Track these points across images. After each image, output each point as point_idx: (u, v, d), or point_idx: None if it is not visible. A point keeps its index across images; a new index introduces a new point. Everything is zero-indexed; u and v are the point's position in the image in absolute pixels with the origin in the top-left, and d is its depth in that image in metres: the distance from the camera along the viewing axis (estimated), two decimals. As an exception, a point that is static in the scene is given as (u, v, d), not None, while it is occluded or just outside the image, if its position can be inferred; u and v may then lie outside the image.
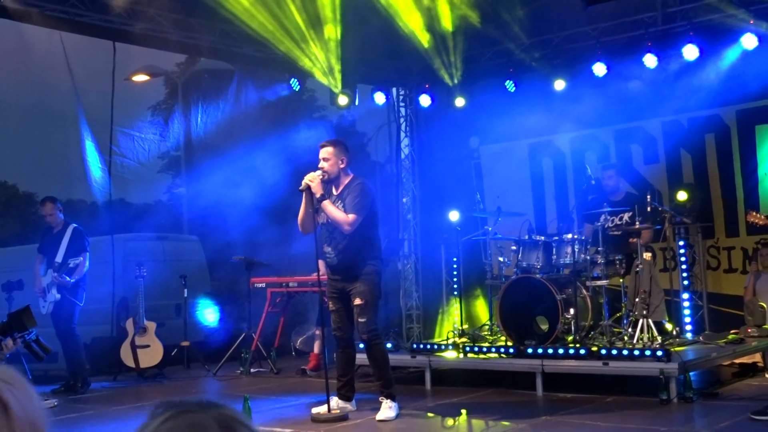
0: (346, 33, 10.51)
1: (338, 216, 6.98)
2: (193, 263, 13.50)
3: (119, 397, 8.82)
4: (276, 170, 11.84)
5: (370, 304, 7.05)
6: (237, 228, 12.33)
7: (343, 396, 7.34)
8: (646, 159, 11.24)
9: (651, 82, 10.68)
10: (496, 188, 12.40)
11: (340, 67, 10.81)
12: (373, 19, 10.28)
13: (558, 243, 8.57)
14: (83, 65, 11.07)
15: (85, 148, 11.50)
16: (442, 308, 11.49)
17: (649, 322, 7.94)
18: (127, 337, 10.07)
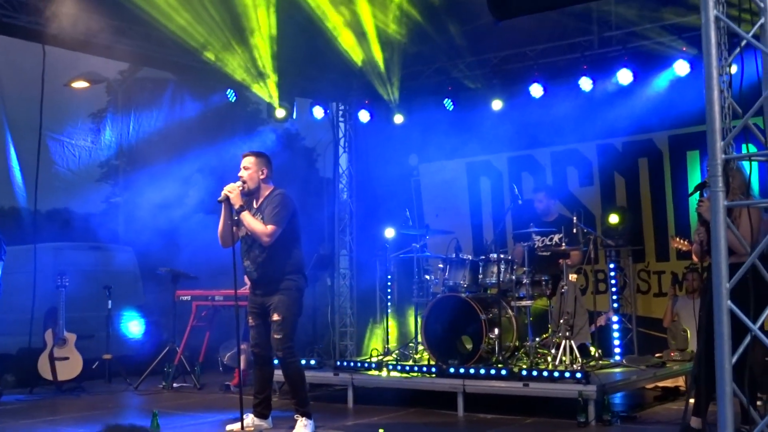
0: (283, 46, 10.43)
1: (257, 227, 6.85)
2: (126, 274, 13.28)
3: (31, 411, 8.55)
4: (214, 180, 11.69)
5: (288, 320, 6.90)
6: (170, 239, 12.12)
7: (258, 413, 7.18)
8: (581, 181, 11.28)
9: (586, 105, 10.72)
10: (434, 206, 12.43)
11: (277, 79, 10.72)
12: (312, 34, 10.23)
13: (484, 262, 8.53)
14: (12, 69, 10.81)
15: (9, 153, 11.25)
16: (376, 325, 11.41)
17: (572, 344, 7.92)
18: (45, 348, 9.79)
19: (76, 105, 13.24)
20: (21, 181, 11.31)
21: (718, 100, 3.99)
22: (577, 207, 10.97)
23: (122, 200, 14.37)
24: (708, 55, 4.02)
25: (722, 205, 3.81)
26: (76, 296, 11.05)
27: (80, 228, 13.86)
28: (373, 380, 8.53)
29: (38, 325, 10.15)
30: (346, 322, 12.16)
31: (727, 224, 3.84)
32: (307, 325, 10.91)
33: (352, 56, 10.80)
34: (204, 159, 11.71)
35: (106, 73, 15.68)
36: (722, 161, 3.85)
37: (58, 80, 11.78)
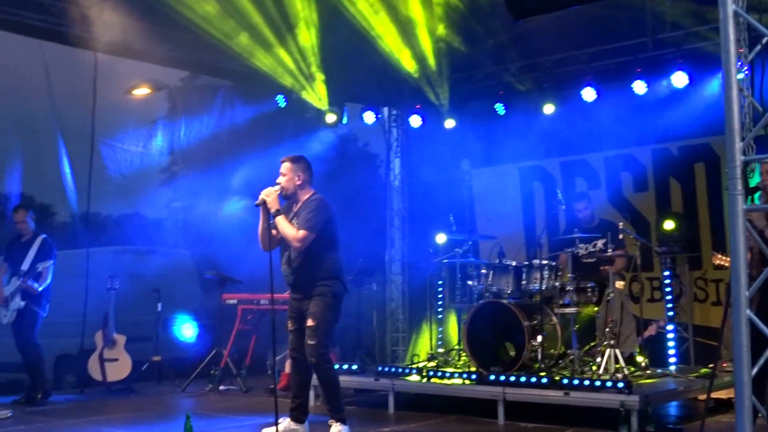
0: (332, 52, 10.48)
1: (288, 232, 6.83)
2: (183, 278, 13.46)
3: (78, 411, 8.70)
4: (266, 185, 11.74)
5: (321, 326, 6.86)
6: (220, 243, 12.23)
7: (295, 418, 7.17)
8: (635, 186, 11.04)
9: (641, 109, 10.50)
10: (486, 211, 12.31)
11: (326, 85, 10.75)
12: (361, 39, 10.23)
13: (528, 268, 8.39)
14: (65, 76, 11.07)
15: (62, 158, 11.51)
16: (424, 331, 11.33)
17: (617, 353, 7.72)
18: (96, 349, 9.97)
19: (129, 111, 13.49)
20: (73, 185, 11.55)
21: (737, 99, 3.84)
22: (632, 213, 10.82)
23: (181, 205, 14.55)
24: (726, 52, 3.87)
25: (741, 209, 3.66)
26: (130, 299, 11.25)
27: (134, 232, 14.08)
28: (414, 386, 8.44)
29: (93, 327, 10.33)
30: (398, 327, 12.11)
31: (747, 229, 3.68)
32: (352, 330, 10.90)
33: (402, 61, 10.78)
34: (256, 164, 11.76)
35: (167, 80, 15.98)
36: (741, 163, 3.69)
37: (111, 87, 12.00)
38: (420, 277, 11.14)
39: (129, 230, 14.40)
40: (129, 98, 13.90)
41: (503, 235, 10.61)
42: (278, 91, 11.19)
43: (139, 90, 14.94)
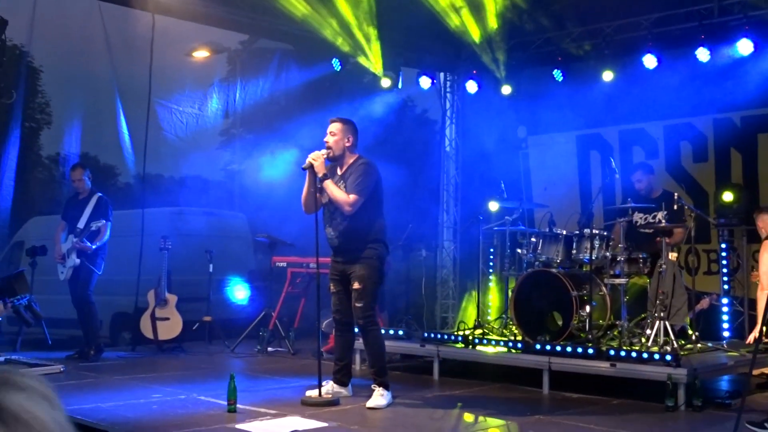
0: (388, 16, 10.38)
1: (339, 196, 6.83)
2: (238, 240, 13.59)
3: (128, 368, 8.88)
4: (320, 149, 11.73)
5: (369, 288, 6.90)
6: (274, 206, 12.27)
7: (338, 381, 7.22)
8: (695, 157, 10.79)
9: (703, 77, 10.21)
10: (543, 179, 12.18)
11: (381, 49, 10.67)
12: (418, 4, 10.11)
13: (578, 237, 8.26)
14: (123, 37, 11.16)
15: (119, 119, 11.64)
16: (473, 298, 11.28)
17: (666, 325, 7.58)
18: (148, 308, 10.13)
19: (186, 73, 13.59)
20: (130, 146, 11.69)
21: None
22: (690, 183, 10.59)
23: (237, 168, 14.66)
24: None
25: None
26: (184, 260, 11.40)
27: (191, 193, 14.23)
28: (459, 353, 8.41)
29: (147, 286, 10.50)
30: (449, 294, 12.09)
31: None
32: (400, 296, 10.90)
33: (458, 26, 10.63)
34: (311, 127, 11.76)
35: (227, 43, 16.06)
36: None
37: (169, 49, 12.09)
38: (471, 244, 11.07)
39: (186, 191, 14.56)
40: (187, 60, 14.01)
41: (559, 204, 10.49)
42: (334, 55, 11.13)
43: (199, 52, 15.06)
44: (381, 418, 6.60)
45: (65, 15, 11.77)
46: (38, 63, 17.32)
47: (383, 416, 6.64)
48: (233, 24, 10.43)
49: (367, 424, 6.34)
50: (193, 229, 12.46)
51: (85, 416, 6.13)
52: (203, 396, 7.11)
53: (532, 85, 11.57)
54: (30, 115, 18.22)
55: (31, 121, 18.68)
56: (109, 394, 7.11)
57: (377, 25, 10.37)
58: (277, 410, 6.56)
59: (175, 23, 10.39)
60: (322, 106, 12.50)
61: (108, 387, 7.58)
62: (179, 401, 6.94)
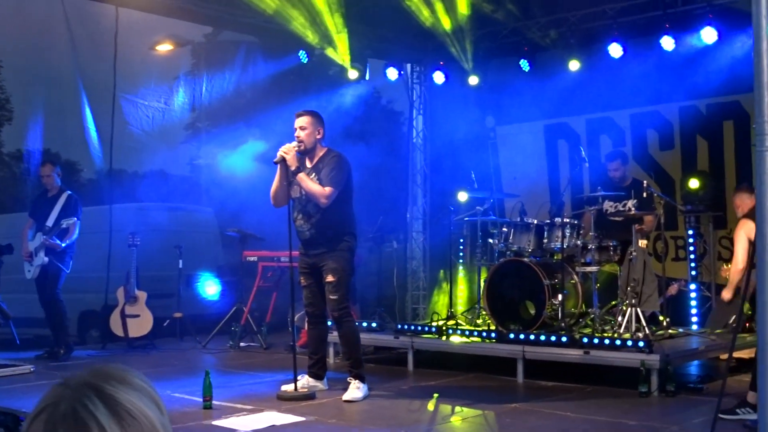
0: (355, 7, 10.33)
1: (314, 189, 6.81)
2: (206, 235, 13.50)
3: (99, 365, 8.77)
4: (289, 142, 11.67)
5: (343, 281, 6.89)
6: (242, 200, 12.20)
7: (314, 374, 7.22)
8: (661, 144, 10.88)
9: (668, 66, 10.29)
10: (512, 169, 12.20)
11: (348, 40, 10.62)
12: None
13: (549, 226, 8.30)
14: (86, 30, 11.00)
15: (85, 113, 11.49)
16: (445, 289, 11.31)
17: (638, 312, 7.65)
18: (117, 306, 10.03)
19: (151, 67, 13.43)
20: (97, 141, 11.55)
21: (767, 52, 3.71)
22: (657, 171, 10.68)
23: (204, 162, 14.56)
24: (757, 4, 3.73)
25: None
26: (153, 256, 11.29)
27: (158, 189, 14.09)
28: (433, 344, 8.44)
29: (116, 283, 10.39)
30: (419, 285, 12.10)
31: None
32: (372, 288, 10.89)
33: (426, 17, 10.62)
34: (279, 120, 11.70)
35: (191, 36, 15.90)
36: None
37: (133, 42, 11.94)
38: (441, 235, 11.09)
39: (153, 187, 14.41)
40: (152, 54, 13.84)
41: (528, 194, 10.53)
42: (301, 47, 11.06)
43: (163, 46, 14.87)
44: (358, 410, 6.60)
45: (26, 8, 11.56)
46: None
47: (360, 409, 6.64)
48: (197, 16, 10.32)
49: (344, 417, 6.33)
50: (161, 224, 12.35)
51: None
52: (177, 393, 7.04)
53: (500, 76, 11.58)
54: (-13, 111, 17.96)
55: (-11, 118, 18.41)
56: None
57: (344, 16, 10.31)
58: (253, 405, 6.54)
59: (139, 16, 10.27)
60: (289, 99, 12.47)
61: (79, 386, 7.47)
62: (153, 399, 6.86)
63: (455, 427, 6.23)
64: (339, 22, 10.29)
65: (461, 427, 6.27)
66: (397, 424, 6.05)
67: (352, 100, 12.55)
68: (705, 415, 6.14)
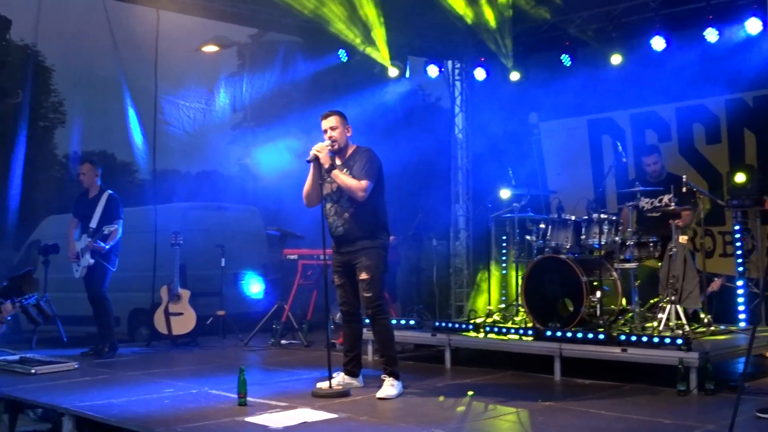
0: (394, 5, 10.35)
1: (350, 183, 6.83)
2: (251, 234, 13.62)
3: (142, 363, 8.92)
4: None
5: (376, 278, 6.89)
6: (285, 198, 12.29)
7: (349, 372, 7.24)
8: (708, 138, 10.69)
9: (713, 58, 10.10)
10: (556, 165, 12.11)
11: (388, 38, 10.63)
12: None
13: (587, 223, 8.21)
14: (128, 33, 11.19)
15: (128, 115, 11.68)
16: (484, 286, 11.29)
17: (678, 309, 7.53)
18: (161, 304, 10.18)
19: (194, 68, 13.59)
20: (141, 142, 11.73)
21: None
22: (703, 165, 10.51)
23: (250, 161, 14.70)
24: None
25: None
26: (198, 255, 11.46)
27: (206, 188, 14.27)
28: (470, 342, 8.41)
29: (163, 282, 10.55)
30: (462, 283, 12.06)
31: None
32: (411, 286, 10.89)
33: (465, 13, 10.58)
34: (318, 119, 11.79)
35: (236, 37, 16.06)
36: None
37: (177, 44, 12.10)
38: (482, 232, 11.05)
39: (200, 186, 14.61)
40: (194, 55, 14.00)
41: (573, 189, 10.45)
42: (341, 46, 11.11)
43: (208, 47, 15.04)
44: (391, 408, 6.60)
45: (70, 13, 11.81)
46: (49, 62, 17.38)
47: (393, 406, 6.63)
48: (237, 17, 10.45)
49: (376, 415, 6.34)
50: (206, 224, 12.51)
51: (97, 412, 6.19)
52: (215, 390, 7.13)
53: (541, 71, 11.49)
54: (43, 114, 18.29)
55: (45, 121, 18.75)
56: (122, 390, 7.16)
57: (383, 14, 10.33)
58: (287, 402, 6.57)
59: (180, 18, 10.40)
60: (333, 98, 12.50)
61: (121, 383, 7.63)
62: (191, 395, 6.97)
63: (487, 425, 6.19)
64: (378, 20, 10.31)
65: (493, 425, 6.22)
66: (428, 421, 6.03)
67: (395, 98, 12.55)
68: (743, 414, 6.01)
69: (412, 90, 14.40)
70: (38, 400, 6.85)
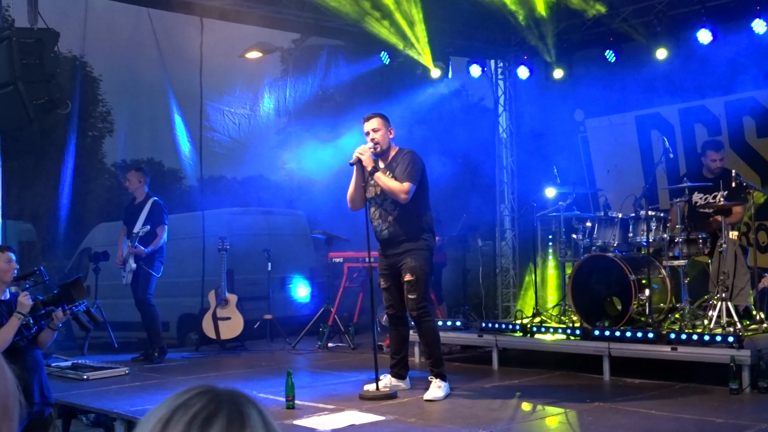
0: (435, 5, 10.32)
1: (393, 186, 6.83)
2: (298, 238, 13.69)
3: (192, 368, 9.02)
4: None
5: (421, 279, 6.88)
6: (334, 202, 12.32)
7: (396, 374, 7.24)
8: (759, 131, 10.49)
9: (761, 50, 9.93)
10: (605, 162, 11.98)
11: (429, 39, 10.61)
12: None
13: (634, 220, 8.11)
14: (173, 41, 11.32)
15: (174, 123, 11.81)
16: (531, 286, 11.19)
17: (729, 306, 7.39)
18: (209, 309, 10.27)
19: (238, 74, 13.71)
20: (190, 149, 11.85)
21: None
22: (756, 159, 10.33)
23: (295, 166, 14.77)
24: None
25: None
26: (246, 259, 11.55)
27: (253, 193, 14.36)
28: (517, 342, 8.36)
29: (212, 287, 10.64)
30: (510, 283, 11.99)
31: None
32: (457, 287, 10.84)
33: (507, 11, 10.51)
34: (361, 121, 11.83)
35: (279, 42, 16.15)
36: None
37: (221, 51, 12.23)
38: (528, 232, 10.98)
39: (247, 191, 14.71)
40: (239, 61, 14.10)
41: (622, 187, 10.31)
42: (383, 48, 11.11)
43: (251, 53, 15.14)
44: (438, 409, 6.58)
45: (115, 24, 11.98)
46: (97, 72, 17.69)
47: (441, 408, 6.62)
48: (280, 23, 10.48)
49: (424, 416, 6.33)
50: (253, 228, 12.61)
51: (146, 417, 6.23)
52: (263, 393, 7.16)
53: (585, 68, 11.39)
54: (92, 124, 18.62)
55: (94, 130, 19.08)
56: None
57: (424, 14, 10.31)
58: (335, 405, 6.60)
59: (223, 25, 10.49)
60: (377, 100, 12.51)
61: (171, 387, 7.63)
62: (239, 399, 7.00)
63: (535, 426, 6.15)
64: (419, 21, 10.28)
65: (541, 426, 6.18)
66: (476, 423, 6.00)
67: (438, 99, 12.52)
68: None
69: (455, 90, 14.35)
70: (90, 405, 6.95)
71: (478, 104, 19.22)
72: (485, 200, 12.32)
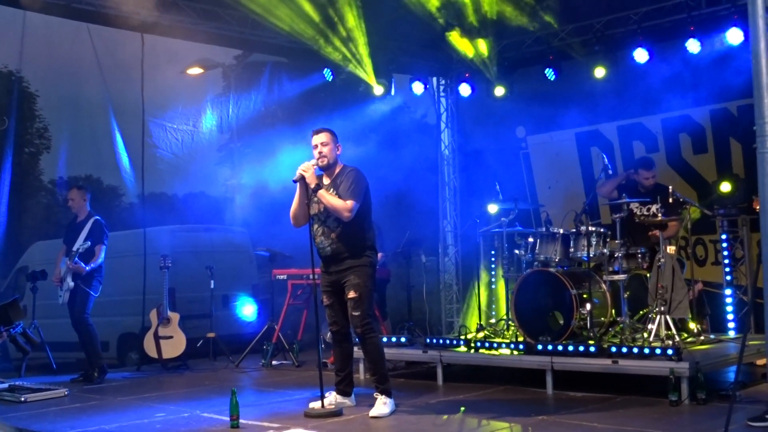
0: (377, 23, 10.38)
1: (336, 204, 6.82)
2: (240, 254, 13.60)
3: (133, 388, 8.87)
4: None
5: (364, 296, 6.87)
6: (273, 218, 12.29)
7: (341, 391, 7.21)
8: (695, 148, 10.74)
9: (696, 69, 10.18)
10: (546, 178, 12.14)
11: (372, 56, 10.67)
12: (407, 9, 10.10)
13: (575, 235, 8.23)
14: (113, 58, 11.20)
15: (115, 138, 11.67)
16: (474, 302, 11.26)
17: (667, 319, 7.54)
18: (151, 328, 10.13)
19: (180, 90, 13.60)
20: (128, 165, 11.72)
21: (765, 52, 3.65)
22: (692, 175, 10.57)
23: (236, 183, 14.70)
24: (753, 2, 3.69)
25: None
26: (187, 277, 11.42)
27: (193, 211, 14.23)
28: (462, 357, 8.40)
29: (153, 305, 10.50)
30: (453, 299, 12.06)
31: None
32: (401, 303, 10.86)
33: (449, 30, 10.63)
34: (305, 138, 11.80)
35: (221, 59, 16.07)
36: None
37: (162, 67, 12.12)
38: (471, 247, 11.06)
39: (189, 208, 14.57)
40: (180, 77, 14.00)
41: (563, 203, 10.45)
42: (325, 65, 11.13)
43: (193, 69, 15.05)
44: (384, 426, 6.57)
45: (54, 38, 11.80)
46: (33, 88, 17.34)
47: (386, 424, 6.61)
48: (222, 39, 10.44)
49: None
50: (195, 246, 12.49)
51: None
52: (206, 413, 7.09)
53: (526, 85, 11.56)
54: (29, 140, 18.25)
55: (30, 146, 18.70)
56: (113, 416, 7.11)
57: (366, 32, 10.36)
58: (280, 423, 6.54)
59: (165, 41, 10.41)
60: (319, 117, 12.50)
61: (112, 408, 7.58)
62: (182, 419, 6.93)
63: (480, 441, 6.18)
64: (361, 39, 10.33)
65: (487, 441, 6.21)
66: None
67: (381, 115, 12.57)
68: (736, 422, 6.01)
69: (398, 107, 14.41)
70: (29, 428, 6.78)
71: (421, 121, 19.32)
72: (429, 216, 12.39)
